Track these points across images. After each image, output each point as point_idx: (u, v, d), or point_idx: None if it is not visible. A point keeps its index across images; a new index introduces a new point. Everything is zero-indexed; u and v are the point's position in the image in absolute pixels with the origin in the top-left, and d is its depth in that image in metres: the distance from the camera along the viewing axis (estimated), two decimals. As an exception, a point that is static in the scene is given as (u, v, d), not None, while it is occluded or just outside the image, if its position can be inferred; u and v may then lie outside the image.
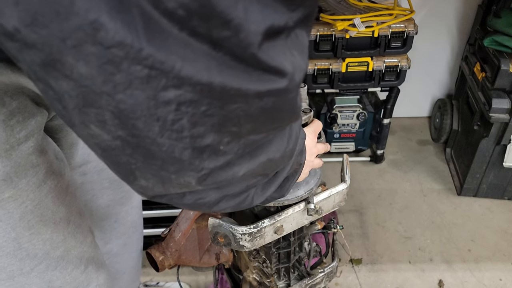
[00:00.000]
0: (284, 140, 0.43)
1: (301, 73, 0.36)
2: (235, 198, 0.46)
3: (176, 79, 0.29)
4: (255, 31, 0.30)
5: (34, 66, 0.30)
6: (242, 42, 0.30)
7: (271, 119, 0.37)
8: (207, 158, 0.36)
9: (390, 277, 1.48)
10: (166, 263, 0.79)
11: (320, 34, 1.52)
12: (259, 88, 0.33)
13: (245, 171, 0.40)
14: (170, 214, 1.37)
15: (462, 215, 1.70)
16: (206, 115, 0.32)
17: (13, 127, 0.51)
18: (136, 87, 0.29)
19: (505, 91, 1.50)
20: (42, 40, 0.27)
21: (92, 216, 0.88)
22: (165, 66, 0.29)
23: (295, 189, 0.74)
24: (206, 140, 0.34)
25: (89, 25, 0.26)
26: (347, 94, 1.73)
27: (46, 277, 0.61)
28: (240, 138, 0.36)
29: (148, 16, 0.27)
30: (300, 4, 0.32)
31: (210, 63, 0.30)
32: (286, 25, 0.32)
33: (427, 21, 1.82)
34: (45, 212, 0.58)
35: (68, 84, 0.30)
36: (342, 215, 1.69)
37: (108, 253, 0.97)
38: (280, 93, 0.35)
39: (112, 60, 0.28)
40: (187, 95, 0.30)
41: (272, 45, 0.32)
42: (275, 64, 0.32)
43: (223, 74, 0.31)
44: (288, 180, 0.57)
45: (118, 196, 0.91)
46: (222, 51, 0.30)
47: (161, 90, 0.30)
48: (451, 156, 1.92)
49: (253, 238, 0.71)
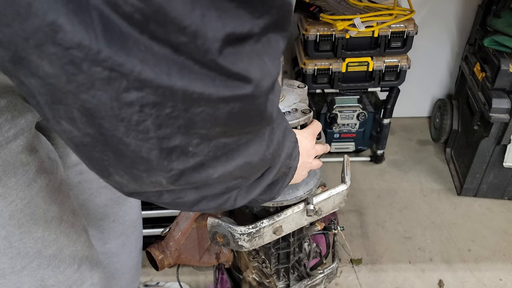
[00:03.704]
0: (262, 144, 0.44)
1: (270, 79, 0.36)
2: (216, 199, 0.46)
3: (137, 81, 0.30)
4: (213, 37, 0.30)
5: (5, 63, 0.31)
6: (200, 48, 0.30)
7: (240, 123, 0.37)
8: (176, 159, 0.36)
9: (390, 277, 1.48)
10: (166, 262, 0.79)
11: (320, 34, 1.52)
12: (223, 93, 0.33)
13: (221, 173, 0.41)
14: (170, 214, 1.37)
15: (462, 215, 1.70)
16: (171, 117, 0.33)
17: (2, 125, 0.51)
18: (98, 88, 0.30)
19: (505, 91, 1.50)
20: (7, 38, 0.28)
21: (89, 215, 0.88)
22: (124, 68, 0.29)
23: (295, 190, 0.74)
24: (174, 141, 0.35)
25: (47, 27, 0.27)
26: (347, 94, 1.73)
27: (38, 276, 0.61)
28: (211, 140, 0.37)
29: (107, 19, 0.27)
30: (265, 11, 0.32)
31: (172, 67, 0.30)
32: (251, 32, 0.32)
33: (427, 21, 1.82)
34: (36, 210, 0.58)
35: (36, 81, 0.31)
36: (342, 215, 1.69)
37: (107, 252, 0.97)
38: (246, 99, 0.35)
39: (72, 61, 0.28)
40: (149, 97, 0.31)
41: (235, 52, 0.32)
42: (238, 70, 0.33)
43: (185, 78, 0.31)
44: (278, 183, 0.57)
45: (116, 195, 0.91)
46: (184, 55, 0.30)
47: (123, 92, 0.30)
48: (451, 156, 1.92)
49: (252, 238, 0.71)
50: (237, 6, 0.30)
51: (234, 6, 0.30)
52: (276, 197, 0.58)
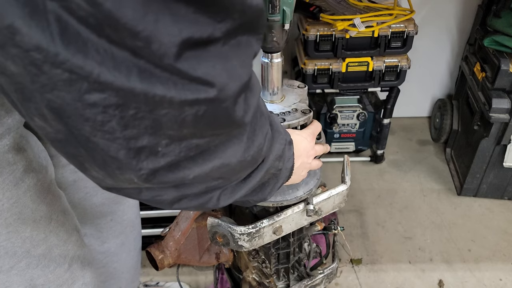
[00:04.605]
0: (241, 147, 0.44)
1: (238, 83, 0.36)
2: (197, 198, 0.46)
3: (97, 83, 0.30)
4: (169, 42, 0.30)
5: None
6: (156, 53, 0.30)
7: (208, 126, 0.37)
8: (145, 159, 0.36)
9: (390, 277, 1.48)
10: (166, 262, 0.79)
11: (320, 34, 1.52)
12: (186, 97, 0.33)
13: (197, 174, 0.41)
14: (170, 214, 1.37)
15: (462, 215, 1.70)
16: (136, 118, 0.33)
17: None
18: (61, 89, 0.30)
19: (505, 91, 1.50)
20: None
21: (86, 213, 0.88)
22: (83, 71, 0.30)
23: (294, 190, 0.74)
24: (141, 141, 0.35)
25: (6, 29, 0.28)
26: (347, 94, 1.73)
27: (27, 275, 0.61)
28: (181, 141, 0.37)
29: (65, 22, 0.28)
30: (226, 16, 0.32)
31: (132, 70, 0.31)
32: (212, 36, 0.32)
33: (427, 21, 1.82)
34: (24, 210, 0.58)
35: (6, 80, 0.32)
36: (342, 215, 1.69)
37: (106, 252, 0.97)
38: (210, 103, 0.35)
39: (33, 62, 0.29)
40: (111, 99, 0.31)
41: (196, 56, 0.32)
42: (200, 74, 0.33)
43: (145, 81, 0.31)
44: (269, 185, 0.57)
45: (113, 194, 0.91)
46: (143, 59, 0.31)
47: (85, 93, 0.31)
48: (451, 156, 1.92)
49: (252, 238, 0.71)
50: (195, 11, 0.31)
51: (192, 11, 0.30)
52: (268, 198, 0.58)
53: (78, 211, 0.85)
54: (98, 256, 0.96)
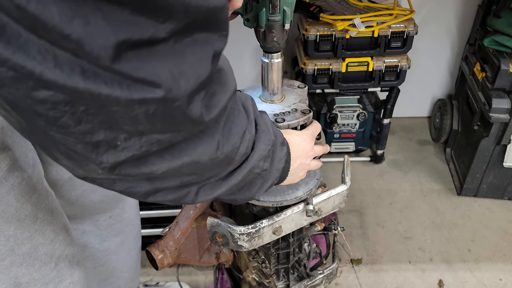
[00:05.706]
0: (212, 145, 0.44)
1: (191, 81, 0.36)
2: (173, 192, 0.47)
3: (42, 82, 0.31)
4: (102, 45, 0.30)
5: None
6: (90, 55, 0.30)
7: (163, 123, 0.37)
8: (104, 152, 0.37)
9: (390, 277, 1.48)
10: (166, 261, 0.79)
11: (320, 34, 1.52)
12: (132, 97, 0.33)
13: (166, 170, 0.41)
14: (169, 214, 1.37)
15: (462, 215, 1.70)
16: (88, 114, 0.33)
17: None
18: (10, 85, 0.31)
19: (505, 91, 1.50)
20: None
21: (85, 210, 0.88)
22: (25, 70, 0.30)
23: (294, 190, 0.74)
24: (98, 136, 0.35)
25: None
26: (347, 94, 1.73)
27: (11, 273, 0.61)
28: (141, 136, 0.37)
29: (3, 22, 0.28)
30: (169, 16, 0.32)
31: (74, 69, 0.31)
32: (155, 37, 0.32)
33: (427, 21, 1.82)
34: (7, 208, 0.58)
35: None
36: (342, 215, 1.69)
37: (105, 250, 0.97)
38: (160, 102, 0.34)
39: None
40: (59, 96, 0.32)
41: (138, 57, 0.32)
42: (143, 75, 0.33)
43: (88, 80, 0.31)
44: (255, 184, 0.57)
45: (112, 192, 0.91)
46: (84, 59, 0.31)
47: (33, 90, 0.31)
48: (451, 156, 1.92)
49: (251, 239, 0.71)
50: (132, 13, 0.30)
51: (128, 13, 0.30)
52: (256, 197, 0.58)
53: (76, 208, 0.85)
54: (97, 255, 0.96)
